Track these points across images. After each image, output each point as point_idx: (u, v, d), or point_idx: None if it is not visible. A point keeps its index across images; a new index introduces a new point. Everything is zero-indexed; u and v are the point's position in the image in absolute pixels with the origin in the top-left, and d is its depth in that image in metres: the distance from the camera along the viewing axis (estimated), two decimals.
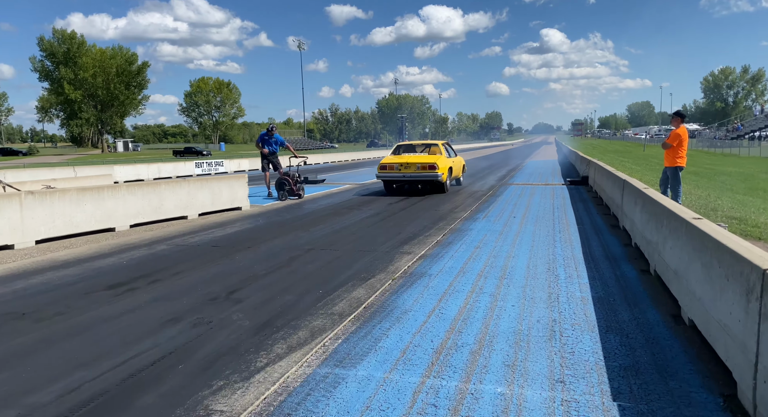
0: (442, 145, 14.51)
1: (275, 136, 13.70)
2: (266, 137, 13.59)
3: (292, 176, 12.50)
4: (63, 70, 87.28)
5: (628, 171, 21.74)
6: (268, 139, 13.57)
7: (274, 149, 13.70)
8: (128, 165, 21.09)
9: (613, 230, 7.82)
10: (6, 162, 51.21)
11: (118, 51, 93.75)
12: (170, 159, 33.22)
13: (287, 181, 12.35)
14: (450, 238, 7.37)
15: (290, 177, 12.47)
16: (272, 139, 13.66)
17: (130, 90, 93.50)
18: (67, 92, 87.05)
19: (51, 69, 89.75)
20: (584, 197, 12.07)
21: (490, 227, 8.20)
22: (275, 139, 13.70)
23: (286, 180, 12.40)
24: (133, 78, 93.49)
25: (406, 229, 8.18)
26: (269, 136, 13.57)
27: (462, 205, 11.17)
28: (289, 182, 12.33)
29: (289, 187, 12.31)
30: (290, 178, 12.41)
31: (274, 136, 13.68)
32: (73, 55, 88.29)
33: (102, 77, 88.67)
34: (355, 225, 8.65)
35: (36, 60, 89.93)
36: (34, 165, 33.60)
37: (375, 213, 10.06)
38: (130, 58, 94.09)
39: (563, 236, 7.35)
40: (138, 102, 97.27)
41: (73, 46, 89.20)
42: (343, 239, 7.40)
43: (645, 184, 6.84)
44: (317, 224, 8.75)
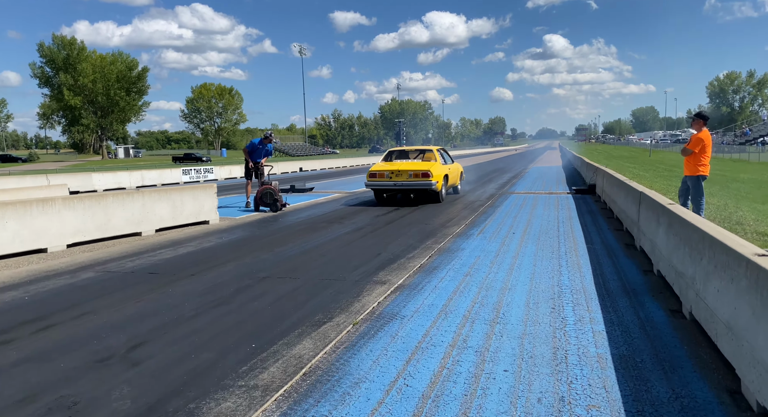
0: (437, 151, 13.38)
1: (268, 147, 12.55)
2: (260, 146, 12.36)
3: (276, 187, 11.29)
4: (62, 75, 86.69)
5: (636, 177, 20.57)
6: (261, 148, 12.38)
7: (259, 160, 12.46)
8: (108, 173, 20.02)
9: (628, 251, 6.66)
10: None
11: (118, 57, 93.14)
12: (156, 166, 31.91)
13: (273, 191, 11.13)
14: (436, 261, 6.23)
15: (274, 188, 11.23)
16: (264, 148, 12.46)
17: (131, 96, 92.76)
18: (66, 98, 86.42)
19: (51, 75, 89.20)
20: (592, 209, 10.91)
21: (484, 247, 7.05)
22: (267, 149, 12.52)
23: (271, 190, 11.14)
24: (134, 84, 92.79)
25: (388, 248, 7.04)
26: (263, 145, 12.38)
27: (456, 217, 10.03)
28: (274, 192, 11.13)
29: (275, 197, 11.12)
30: (275, 189, 11.19)
31: (268, 146, 12.52)
32: (73, 61, 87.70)
33: (102, 83, 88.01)
34: (330, 243, 7.52)
35: (36, 66, 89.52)
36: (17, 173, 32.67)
37: (357, 227, 8.93)
38: (131, 63, 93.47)
39: (570, 259, 6.19)
40: (138, 108, 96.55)
41: (73, 52, 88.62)
42: (310, 262, 6.26)
43: (669, 199, 5.69)
44: (287, 242, 7.62)
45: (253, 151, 12.34)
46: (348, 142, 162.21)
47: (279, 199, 11.13)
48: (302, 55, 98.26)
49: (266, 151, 12.53)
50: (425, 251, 6.81)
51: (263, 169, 12.45)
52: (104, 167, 39.17)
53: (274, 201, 11.09)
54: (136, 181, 20.21)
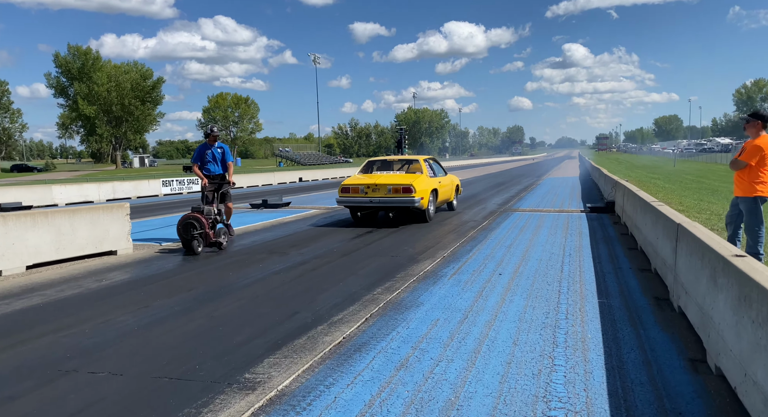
0: (423, 162, 11.31)
1: (221, 146, 8.75)
2: (206, 150, 8.62)
3: (208, 214, 7.60)
4: (77, 85, 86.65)
5: (662, 191, 18.24)
6: (211, 153, 8.59)
7: (217, 170, 8.67)
8: (73, 185, 18.26)
9: (661, 312, 4.52)
10: None
11: (133, 66, 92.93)
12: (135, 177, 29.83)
13: (197, 224, 7.38)
14: (370, 330, 4.17)
15: (204, 215, 7.55)
16: (214, 150, 8.63)
17: (145, 105, 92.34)
18: (80, 108, 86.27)
19: (66, 85, 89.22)
20: (609, 234, 8.72)
21: (452, 301, 4.95)
22: (221, 150, 8.69)
23: (195, 221, 7.38)
24: (148, 93, 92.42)
25: (317, 300, 4.99)
26: (210, 147, 8.62)
27: (436, 245, 7.95)
28: (202, 224, 7.42)
29: (200, 232, 7.39)
30: (204, 218, 7.49)
31: (218, 144, 8.70)
32: (88, 71, 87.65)
33: (116, 92, 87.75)
34: (242, 290, 5.49)
35: (51, 76, 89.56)
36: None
37: (301, 261, 6.90)
38: (145, 73, 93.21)
39: (572, 331, 4.07)
40: (153, 118, 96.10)
41: (88, 61, 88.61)
42: (172, 333, 4.22)
43: (730, 246, 3.55)
44: (182, 289, 5.59)
45: (203, 158, 8.61)
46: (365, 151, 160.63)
47: (210, 233, 7.51)
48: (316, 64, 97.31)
49: (221, 157, 8.68)
50: (365, 307, 4.74)
51: (227, 185, 8.59)
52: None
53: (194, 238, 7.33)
54: (106, 193, 18.45)
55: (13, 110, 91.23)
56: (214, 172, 8.70)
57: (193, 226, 7.43)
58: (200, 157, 8.69)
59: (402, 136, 24.50)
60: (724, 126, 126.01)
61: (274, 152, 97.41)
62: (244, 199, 16.97)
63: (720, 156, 58.79)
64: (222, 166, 8.70)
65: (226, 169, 8.77)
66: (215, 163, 8.71)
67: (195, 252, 7.37)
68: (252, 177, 28.75)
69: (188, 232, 7.39)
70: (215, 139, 8.70)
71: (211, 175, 8.65)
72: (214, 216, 7.72)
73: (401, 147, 24.46)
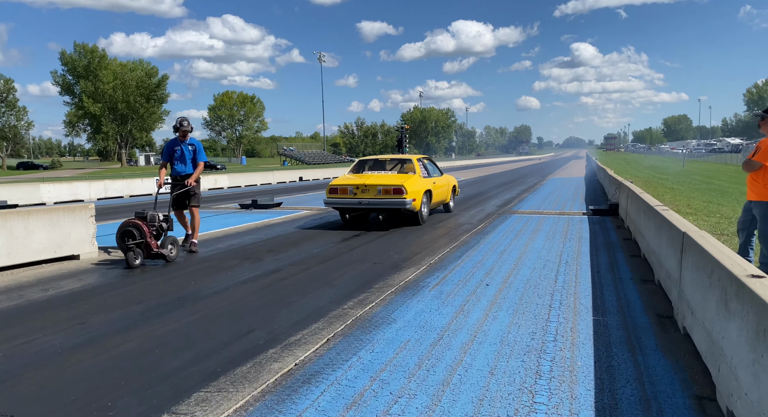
0: (417, 162, 10.77)
1: (193, 143, 7.74)
2: (175, 147, 7.69)
3: (151, 221, 6.59)
4: (83, 83, 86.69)
5: (670, 191, 17.59)
6: (179, 150, 7.65)
7: (186, 170, 7.65)
8: (63, 183, 17.83)
9: (663, 333, 3.97)
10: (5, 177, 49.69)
11: (139, 64, 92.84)
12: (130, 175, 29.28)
13: (137, 232, 6.38)
14: (331, 352, 3.64)
15: (148, 223, 6.55)
16: (184, 147, 7.65)
17: (150, 103, 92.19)
18: (86, 105, 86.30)
19: (72, 83, 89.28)
20: (611, 240, 8.16)
21: (429, 317, 4.42)
22: (192, 148, 7.69)
23: (134, 229, 6.38)
24: (153, 91, 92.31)
25: (279, 315, 4.48)
26: (182, 144, 7.67)
27: (424, 251, 7.42)
28: (142, 233, 6.39)
29: (139, 242, 6.39)
30: (146, 225, 6.49)
31: (189, 140, 7.72)
32: (94, 69, 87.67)
33: (121, 90, 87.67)
34: (199, 303, 4.97)
35: (57, 74, 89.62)
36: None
37: (274, 268, 6.39)
38: (150, 71, 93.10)
39: (560, 358, 3.53)
40: (158, 116, 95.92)
41: (94, 59, 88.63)
42: (102, 355, 3.71)
43: (746, 266, 2.99)
44: (135, 301, 5.08)
45: (172, 155, 7.70)
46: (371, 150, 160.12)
47: (152, 242, 6.47)
48: (322, 62, 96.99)
49: (192, 155, 7.68)
50: (329, 325, 4.22)
51: (197, 187, 7.66)
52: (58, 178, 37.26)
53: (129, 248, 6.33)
54: (98, 192, 18.03)
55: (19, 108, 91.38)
56: (182, 173, 7.66)
57: (131, 235, 6.40)
58: (169, 155, 7.76)
59: (403, 136, 23.92)
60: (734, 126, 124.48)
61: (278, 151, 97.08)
62: (236, 199, 16.50)
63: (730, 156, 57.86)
64: (193, 165, 7.72)
65: (191, 167, 7.74)
66: (184, 162, 7.68)
67: (130, 264, 6.32)
68: (251, 176, 28.29)
69: (124, 242, 6.38)
70: (185, 134, 7.67)
71: (179, 176, 7.65)
72: (158, 223, 6.69)
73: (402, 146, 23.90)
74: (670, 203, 13.10)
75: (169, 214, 6.97)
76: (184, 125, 7.64)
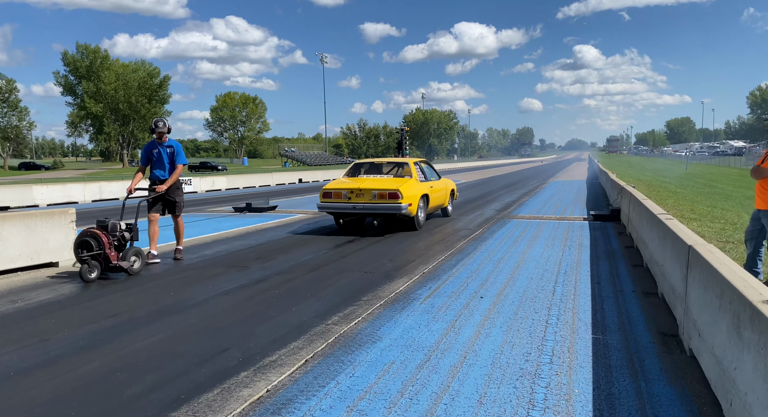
0: (413, 165, 10.50)
1: (171, 144, 7.15)
2: (153, 149, 7.11)
3: (112, 230, 6.04)
4: (84, 83, 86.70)
5: (673, 196, 17.26)
6: (156, 152, 7.09)
7: (165, 175, 7.09)
8: (57, 184, 17.59)
9: (668, 354, 3.69)
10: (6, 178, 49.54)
11: (141, 65, 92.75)
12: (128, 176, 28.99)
13: (94, 243, 5.83)
14: (308, 376, 3.37)
15: (108, 232, 6.00)
16: (162, 149, 7.08)
17: (152, 104, 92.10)
18: (88, 106, 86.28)
19: (74, 83, 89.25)
20: (613, 248, 7.87)
21: (417, 334, 4.14)
22: (171, 150, 7.11)
23: (92, 239, 5.84)
24: (155, 92, 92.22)
25: (258, 330, 4.20)
26: (158, 145, 7.09)
27: (418, 259, 7.14)
28: (100, 243, 5.84)
29: (96, 253, 5.83)
30: (106, 235, 5.93)
31: (168, 141, 7.15)
32: (96, 69, 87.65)
33: (123, 91, 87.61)
34: (173, 317, 4.70)
35: (59, 75, 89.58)
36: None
37: (260, 277, 6.11)
38: (152, 71, 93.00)
39: (555, 384, 3.25)
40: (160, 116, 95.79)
41: (96, 60, 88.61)
42: (58, 379, 3.41)
43: (761, 290, 2.70)
44: (107, 315, 4.81)
45: (149, 158, 7.16)
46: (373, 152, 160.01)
47: (112, 254, 5.91)
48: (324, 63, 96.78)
49: (170, 158, 7.09)
50: (310, 343, 3.94)
51: (179, 193, 7.20)
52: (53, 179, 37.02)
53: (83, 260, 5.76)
54: (93, 194, 17.78)
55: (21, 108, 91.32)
56: (161, 177, 7.08)
57: (88, 246, 5.79)
58: (147, 159, 7.19)
59: (403, 138, 23.65)
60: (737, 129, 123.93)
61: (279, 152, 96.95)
62: (233, 202, 16.25)
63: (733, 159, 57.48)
64: (172, 168, 7.12)
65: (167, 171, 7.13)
66: (162, 166, 7.08)
67: (84, 278, 5.74)
68: (249, 177, 28.04)
69: (79, 253, 5.79)
70: (162, 135, 7.05)
71: (158, 181, 7.07)
72: (120, 233, 6.12)
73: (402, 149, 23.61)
74: (673, 208, 12.81)
75: (135, 224, 6.44)
76: (159, 126, 7.02)
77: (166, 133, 7.11)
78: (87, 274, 5.78)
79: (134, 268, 6.19)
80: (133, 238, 6.32)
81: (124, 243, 6.21)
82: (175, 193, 7.18)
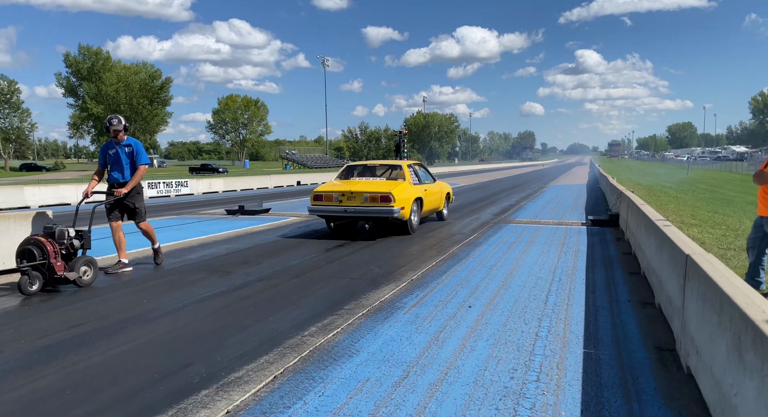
0: (407, 168, 10.26)
1: (130, 143, 6.49)
2: (109, 150, 6.47)
3: (60, 238, 5.51)
4: (85, 85, 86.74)
5: (674, 201, 17.00)
6: (113, 153, 6.45)
7: (125, 177, 6.47)
8: (49, 186, 17.36)
9: (664, 372, 3.44)
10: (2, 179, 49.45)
11: (143, 67, 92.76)
12: None
13: (38, 252, 5.32)
14: (274, 395, 3.12)
15: (55, 240, 5.49)
16: (120, 150, 6.43)
17: (153, 106, 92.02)
18: (89, 107, 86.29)
19: (76, 85, 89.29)
20: (610, 254, 7.62)
21: (397, 348, 3.89)
22: (129, 150, 6.45)
23: (35, 248, 5.34)
24: (156, 94, 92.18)
25: (228, 342, 3.96)
26: (116, 145, 6.45)
27: (408, 264, 6.90)
28: (44, 252, 5.33)
29: (39, 263, 5.31)
30: (51, 243, 5.41)
31: (126, 140, 6.49)
32: (98, 71, 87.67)
33: (125, 92, 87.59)
34: (142, 327, 4.45)
35: (61, 76, 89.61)
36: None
37: (242, 283, 5.87)
38: (154, 74, 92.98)
39: (541, 406, 2.99)
40: (161, 118, 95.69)
41: (98, 61, 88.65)
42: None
43: (765, 307, 2.45)
44: (72, 324, 4.54)
45: (106, 159, 6.52)
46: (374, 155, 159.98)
47: (57, 263, 5.36)
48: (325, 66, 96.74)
49: (130, 159, 6.45)
50: (282, 358, 3.69)
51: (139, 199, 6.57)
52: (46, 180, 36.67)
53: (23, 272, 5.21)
54: None
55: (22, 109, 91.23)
56: (120, 180, 6.44)
57: (30, 255, 5.26)
58: (104, 160, 6.55)
59: (401, 141, 23.42)
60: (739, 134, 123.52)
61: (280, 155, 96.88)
62: (228, 204, 16.02)
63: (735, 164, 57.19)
64: (131, 170, 6.47)
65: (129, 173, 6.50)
66: (120, 168, 6.42)
67: (23, 291, 5.17)
68: (248, 180, 27.83)
69: (19, 263, 5.28)
70: (117, 133, 6.36)
71: (117, 184, 6.44)
72: (68, 240, 5.57)
73: (399, 151, 23.40)
74: (674, 213, 12.56)
75: (88, 231, 5.89)
76: (114, 124, 6.31)
77: (122, 131, 6.44)
78: (27, 286, 5.20)
79: (84, 280, 5.62)
80: (84, 247, 5.81)
81: (73, 252, 5.68)
82: (135, 198, 6.51)
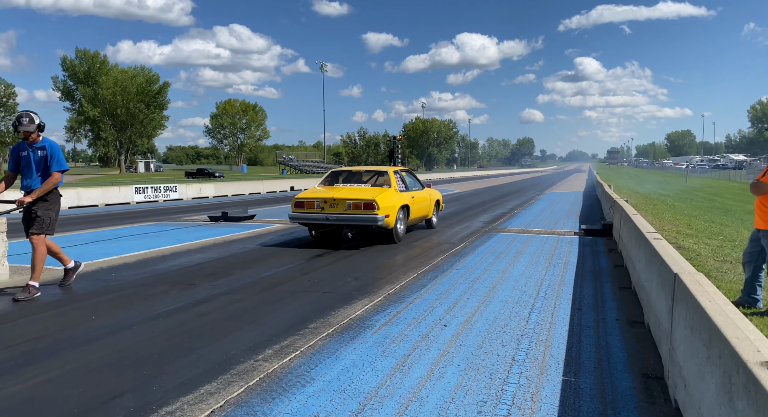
0: (393, 174, 9.90)
1: (44, 145, 5.51)
2: (22, 152, 5.53)
3: None
4: (82, 88, 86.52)
5: (671, 209, 16.64)
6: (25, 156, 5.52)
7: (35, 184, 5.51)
8: None
9: (650, 408, 3.06)
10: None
11: (140, 71, 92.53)
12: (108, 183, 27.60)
13: None
14: None
15: None
16: (32, 153, 5.49)
17: (150, 110, 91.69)
18: (86, 110, 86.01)
19: (73, 88, 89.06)
20: (600, 267, 7.25)
21: (357, 375, 3.52)
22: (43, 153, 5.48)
23: None
24: (153, 98, 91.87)
25: (168, 368, 3.57)
26: (28, 147, 5.52)
27: (387, 276, 6.53)
28: None
29: None
30: None
31: (41, 142, 5.52)
32: (95, 74, 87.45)
33: (122, 96, 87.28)
34: (77, 349, 4.07)
35: (58, 80, 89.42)
36: None
37: (204, 298, 5.49)
38: (152, 78, 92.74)
39: None
40: (158, 122, 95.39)
41: (95, 65, 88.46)
42: None
43: (759, 346, 2.09)
44: (6, 344, 4.21)
45: (17, 163, 5.59)
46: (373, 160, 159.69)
47: None
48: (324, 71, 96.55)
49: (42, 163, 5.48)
50: (225, 387, 3.32)
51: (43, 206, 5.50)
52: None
53: None
54: (70, 200, 17.18)
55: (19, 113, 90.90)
56: (31, 187, 5.47)
57: None
58: (15, 163, 5.59)
59: (395, 146, 23.10)
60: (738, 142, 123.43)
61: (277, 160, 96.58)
62: (215, 210, 15.64)
63: (734, 173, 56.93)
64: (44, 176, 5.51)
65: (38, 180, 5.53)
66: (30, 174, 5.48)
67: None
68: (240, 185, 27.46)
69: None
70: (29, 135, 5.42)
71: (26, 193, 5.48)
72: None
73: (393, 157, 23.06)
74: (670, 222, 12.20)
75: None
76: (23, 123, 5.33)
77: (35, 131, 5.42)
78: None
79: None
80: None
81: None
82: (40, 205, 5.48)
